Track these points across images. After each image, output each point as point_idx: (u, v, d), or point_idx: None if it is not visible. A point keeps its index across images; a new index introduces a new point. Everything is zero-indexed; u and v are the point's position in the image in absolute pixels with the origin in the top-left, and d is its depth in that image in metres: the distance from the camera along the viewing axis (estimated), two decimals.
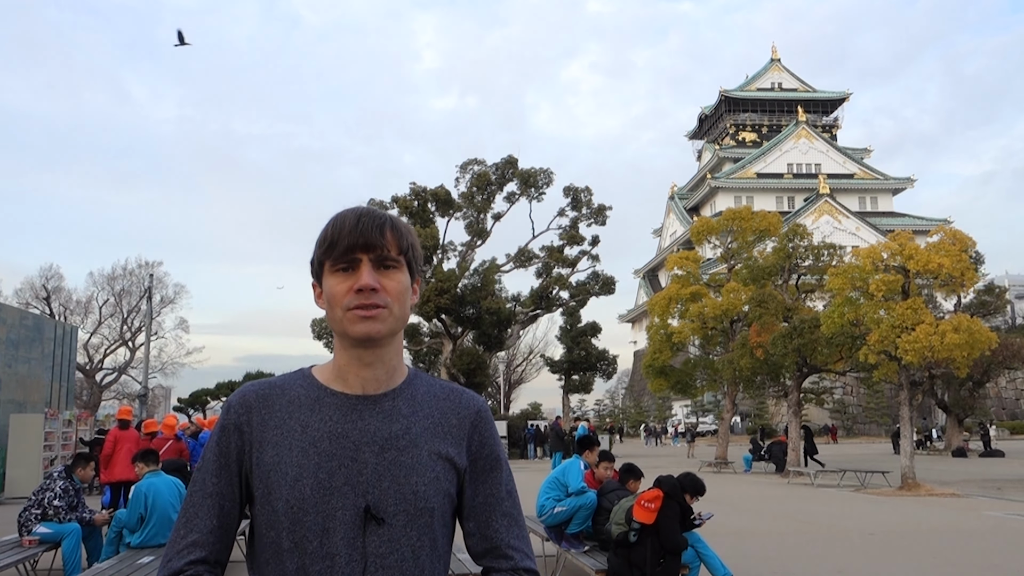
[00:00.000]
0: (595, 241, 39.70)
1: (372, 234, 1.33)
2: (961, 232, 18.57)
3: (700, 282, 29.13)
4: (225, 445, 1.37)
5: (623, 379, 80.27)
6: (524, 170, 37.81)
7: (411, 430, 1.37)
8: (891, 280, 17.37)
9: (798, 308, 24.83)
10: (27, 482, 15.20)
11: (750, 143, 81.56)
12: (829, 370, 24.14)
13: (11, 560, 6.65)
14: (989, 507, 14.39)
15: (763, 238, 28.18)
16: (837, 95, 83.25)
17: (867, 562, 8.83)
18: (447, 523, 1.41)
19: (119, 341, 51.52)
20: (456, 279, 34.71)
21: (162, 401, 60.61)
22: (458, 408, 1.44)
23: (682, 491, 6.19)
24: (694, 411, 62.10)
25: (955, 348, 16.59)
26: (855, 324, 18.41)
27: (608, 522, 6.56)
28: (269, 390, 1.39)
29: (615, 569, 6.10)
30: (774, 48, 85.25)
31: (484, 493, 1.44)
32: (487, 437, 1.46)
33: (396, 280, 1.35)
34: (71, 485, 7.74)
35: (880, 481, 18.60)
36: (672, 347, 27.77)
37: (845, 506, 14.87)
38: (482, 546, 1.44)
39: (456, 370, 35.21)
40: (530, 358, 58.17)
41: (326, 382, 1.40)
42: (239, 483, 1.37)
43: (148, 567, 5.99)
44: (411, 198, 36.67)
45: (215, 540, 1.34)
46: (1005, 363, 33.20)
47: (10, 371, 17.83)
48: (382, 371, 1.38)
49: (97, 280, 51.87)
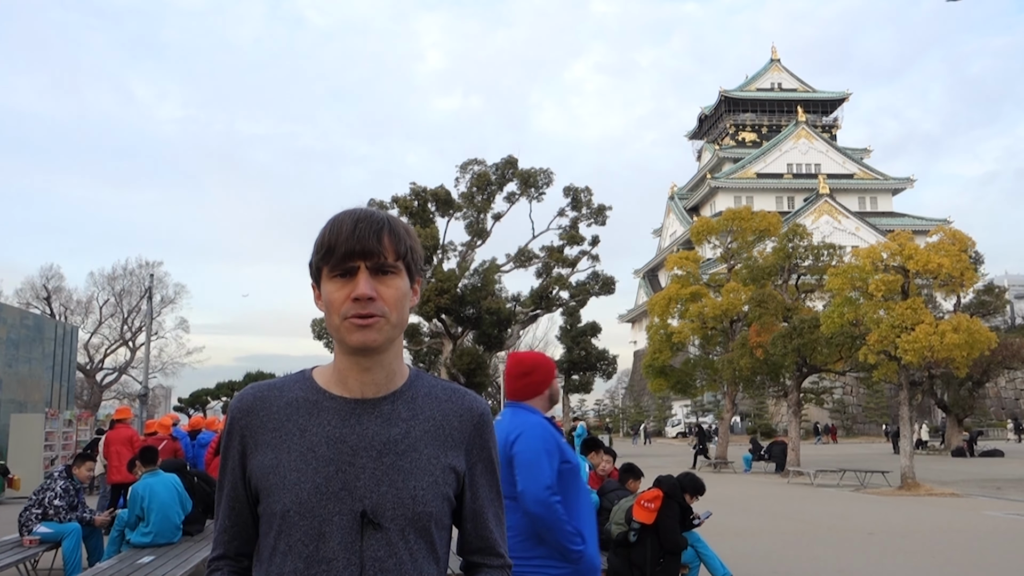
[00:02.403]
0: (595, 241, 39.71)
1: (369, 241, 1.31)
2: (961, 232, 18.58)
3: (700, 282, 29.15)
4: (230, 448, 1.40)
5: (623, 379, 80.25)
6: (524, 170, 37.82)
7: (411, 434, 1.37)
8: (891, 280, 17.38)
9: (798, 308, 24.84)
10: (27, 482, 15.20)
11: (750, 143, 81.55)
12: (829, 370, 24.16)
13: (11, 560, 6.66)
14: (989, 507, 14.40)
15: (763, 238, 28.20)
16: (837, 95, 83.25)
17: (867, 562, 8.83)
18: (446, 526, 1.41)
19: (119, 341, 51.59)
20: (456, 279, 34.71)
21: (162, 401, 60.68)
22: (460, 411, 1.44)
23: (682, 491, 6.20)
24: (694, 411, 62.13)
25: (955, 348, 16.60)
26: (855, 324, 18.43)
27: (608, 522, 6.56)
28: (268, 392, 1.40)
29: (615, 569, 6.10)
30: (774, 48, 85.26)
31: (481, 496, 1.46)
32: (487, 441, 1.47)
33: (394, 287, 1.34)
34: (71, 485, 7.74)
35: (880, 481, 18.61)
36: (672, 347, 27.78)
37: (845, 506, 14.88)
38: (476, 544, 1.47)
39: (456, 370, 35.21)
40: None
41: (326, 385, 1.40)
42: (244, 484, 1.39)
43: (148, 567, 5.99)
44: (411, 198, 36.67)
45: (230, 538, 1.43)
46: (1005, 363, 33.23)
47: (11, 371, 17.84)
48: (381, 375, 1.38)
49: (97, 280, 51.99)
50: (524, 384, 3.10)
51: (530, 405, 3.10)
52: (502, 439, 3.00)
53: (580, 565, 2.85)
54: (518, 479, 2.90)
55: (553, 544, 2.84)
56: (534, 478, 2.85)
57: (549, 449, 2.90)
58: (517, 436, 2.95)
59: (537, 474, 2.85)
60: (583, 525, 2.89)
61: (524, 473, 2.88)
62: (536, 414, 3.06)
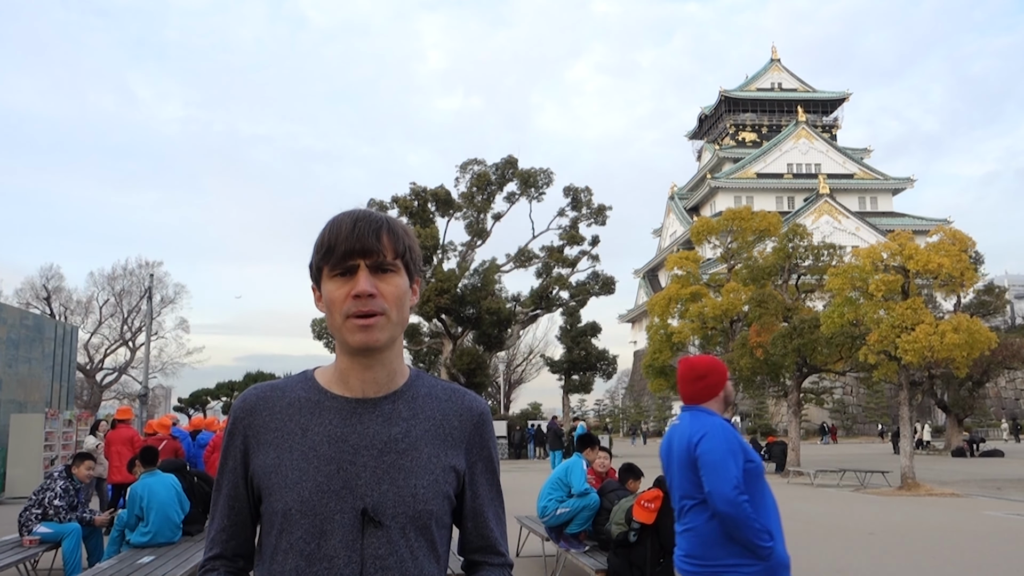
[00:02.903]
0: (595, 241, 39.73)
1: (368, 240, 1.33)
2: (961, 232, 18.58)
3: (700, 282, 29.14)
4: (232, 447, 1.41)
5: (623, 379, 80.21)
6: (524, 170, 37.83)
7: (411, 433, 1.38)
8: (891, 280, 17.37)
9: (798, 308, 24.83)
10: (27, 482, 15.20)
11: (750, 143, 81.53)
12: (829, 370, 24.15)
13: (11, 560, 6.66)
14: (989, 507, 14.40)
15: (763, 238, 28.18)
16: (837, 95, 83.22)
17: (867, 562, 8.83)
18: (446, 525, 1.42)
19: (119, 341, 51.57)
20: (456, 279, 34.72)
21: (162, 401, 60.66)
22: (460, 410, 1.45)
23: None
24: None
25: (955, 348, 16.60)
26: (855, 324, 18.42)
27: (608, 522, 6.56)
28: (270, 392, 1.42)
29: (615, 569, 6.11)
30: (774, 48, 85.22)
31: (481, 495, 1.47)
32: (487, 441, 1.48)
33: (394, 285, 1.35)
34: (71, 485, 7.74)
35: (880, 481, 18.61)
36: (672, 347, 27.76)
37: (845, 506, 14.88)
38: (477, 543, 1.48)
39: (456, 370, 35.22)
40: (530, 358, 58.23)
41: (327, 385, 1.41)
42: (246, 484, 1.40)
43: (148, 567, 5.99)
44: (411, 198, 36.68)
45: (228, 537, 1.43)
46: (1005, 363, 33.20)
47: (10, 371, 17.84)
48: (382, 374, 1.39)
49: (97, 280, 51.98)
50: (700, 388, 3.19)
51: (707, 407, 3.17)
52: (684, 442, 3.08)
53: (770, 562, 2.91)
54: (704, 480, 2.97)
55: (743, 542, 2.91)
56: (721, 478, 2.92)
57: (733, 449, 2.98)
58: (701, 438, 3.02)
59: (724, 474, 2.92)
60: (770, 522, 2.95)
61: (711, 474, 2.95)
62: (715, 416, 3.12)
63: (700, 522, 3.01)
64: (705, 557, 3.00)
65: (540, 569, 8.16)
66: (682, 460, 3.10)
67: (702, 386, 3.18)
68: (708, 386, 3.18)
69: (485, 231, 38.16)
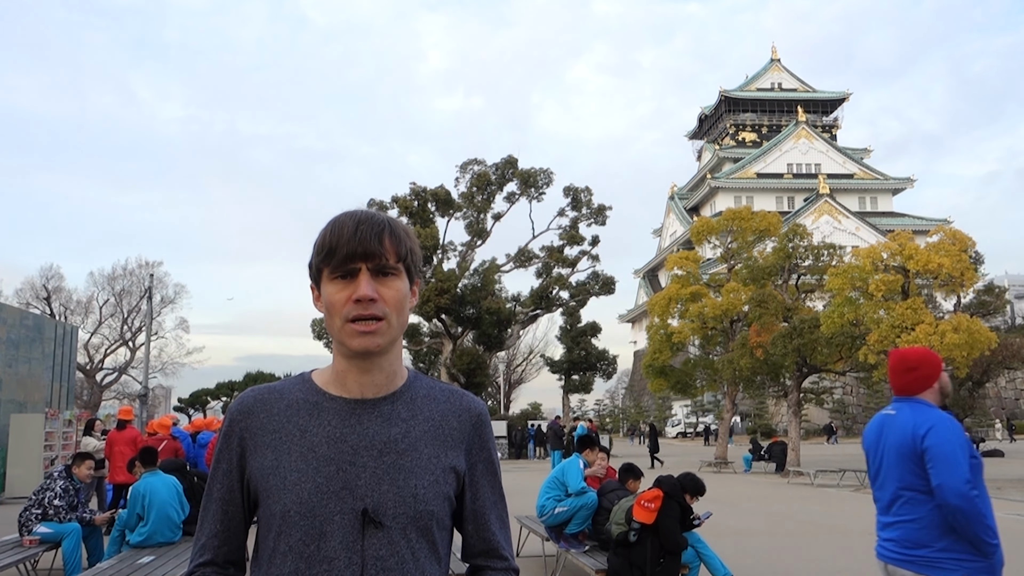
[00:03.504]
0: (595, 241, 39.71)
1: (371, 243, 1.31)
2: (961, 232, 18.59)
3: (700, 282, 29.13)
4: (227, 450, 1.39)
5: (623, 379, 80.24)
6: (524, 170, 37.81)
7: (410, 433, 1.37)
8: (891, 280, 17.39)
9: (798, 308, 24.83)
10: (27, 482, 15.20)
11: (750, 143, 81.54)
12: (829, 370, 24.14)
13: (11, 560, 6.66)
14: None
15: (763, 238, 28.18)
16: (837, 95, 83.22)
17: (867, 562, 8.83)
18: (446, 526, 1.41)
19: (119, 341, 51.55)
20: (456, 279, 34.70)
21: (162, 401, 60.68)
22: (458, 411, 1.44)
23: (682, 491, 6.19)
24: (694, 411, 62.12)
25: (955, 348, 16.61)
26: (855, 324, 18.43)
27: (608, 522, 6.56)
28: (268, 394, 1.40)
29: (615, 569, 6.10)
30: (774, 48, 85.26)
31: (482, 497, 1.46)
32: (487, 442, 1.47)
33: (395, 288, 1.34)
34: (71, 485, 7.74)
35: None
36: (672, 347, 27.76)
37: (845, 506, 14.87)
38: (479, 547, 1.46)
39: (456, 370, 35.20)
40: (530, 358, 58.21)
41: (325, 386, 1.40)
42: (242, 487, 1.38)
43: (148, 567, 5.99)
44: (411, 198, 36.66)
45: (220, 543, 1.39)
46: (1005, 363, 33.04)
47: (10, 371, 17.84)
48: (381, 376, 1.39)
49: (97, 280, 51.98)
50: (913, 379, 3.14)
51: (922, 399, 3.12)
52: (908, 433, 3.01)
53: (992, 560, 2.87)
54: (933, 473, 2.90)
55: (969, 537, 2.85)
56: (954, 472, 2.85)
57: (962, 442, 2.93)
58: (928, 430, 2.96)
59: (956, 468, 2.86)
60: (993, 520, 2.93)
61: (941, 467, 2.88)
62: (937, 409, 3.08)
63: (920, 513, 2.95)
64: (924, 547, 2.94)
65: (540, 569, 8.15)
66: (903, 451, 3.03)
67: (913, 377, 3.14)
68: (920, 377, 3.13)
69: (485, 231, 38.15)
